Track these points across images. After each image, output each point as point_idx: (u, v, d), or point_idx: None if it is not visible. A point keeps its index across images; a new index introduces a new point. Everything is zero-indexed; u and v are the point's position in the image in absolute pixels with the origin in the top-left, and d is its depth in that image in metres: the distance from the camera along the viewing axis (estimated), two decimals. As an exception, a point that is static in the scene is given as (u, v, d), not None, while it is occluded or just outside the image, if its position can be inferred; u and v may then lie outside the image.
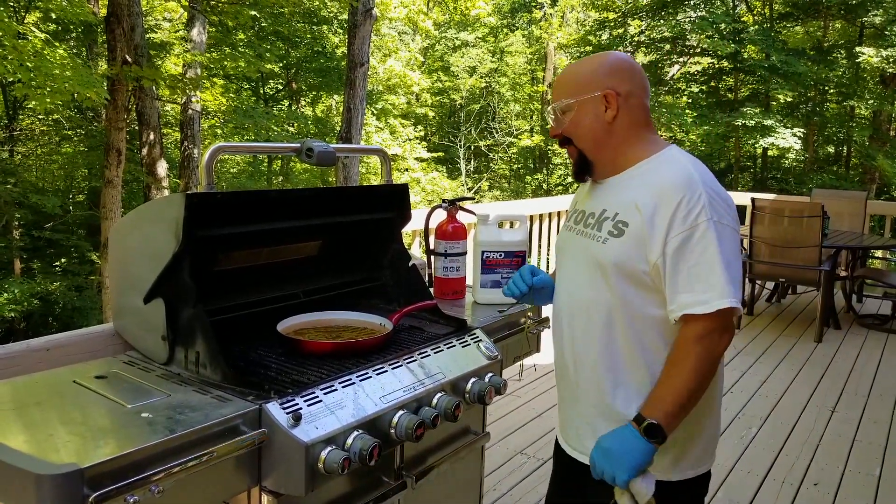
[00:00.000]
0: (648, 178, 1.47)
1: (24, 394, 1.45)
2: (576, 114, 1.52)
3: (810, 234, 5.42)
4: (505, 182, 22.68)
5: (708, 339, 1.39)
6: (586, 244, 1.53)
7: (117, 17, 8.94)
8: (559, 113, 1.55)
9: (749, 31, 14.88)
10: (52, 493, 1.10)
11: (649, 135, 1.54)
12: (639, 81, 1.53)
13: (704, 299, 1.37)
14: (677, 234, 1.39)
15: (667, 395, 1.39)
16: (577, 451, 1.61)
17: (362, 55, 9.13)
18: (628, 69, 1.52)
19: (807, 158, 17.21)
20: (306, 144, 1.81)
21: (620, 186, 1.51)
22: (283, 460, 1.37)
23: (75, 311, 12.40)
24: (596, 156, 1.54)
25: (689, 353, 1.39)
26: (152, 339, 1.63)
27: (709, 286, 1.37)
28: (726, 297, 1.36)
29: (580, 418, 1.59)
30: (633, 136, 1.52)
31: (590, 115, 1.51)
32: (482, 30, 21.70)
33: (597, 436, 1.46)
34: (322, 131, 16.46)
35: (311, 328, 1.89)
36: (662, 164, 1.48)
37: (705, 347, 1.39)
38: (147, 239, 1.64)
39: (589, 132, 1.52)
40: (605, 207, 1.52)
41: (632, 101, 1.50)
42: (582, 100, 1.51)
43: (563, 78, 1.58)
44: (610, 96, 1.48)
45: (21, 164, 14.23)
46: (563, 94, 1.54)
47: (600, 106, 1.50)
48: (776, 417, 4.04)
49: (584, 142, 1.54)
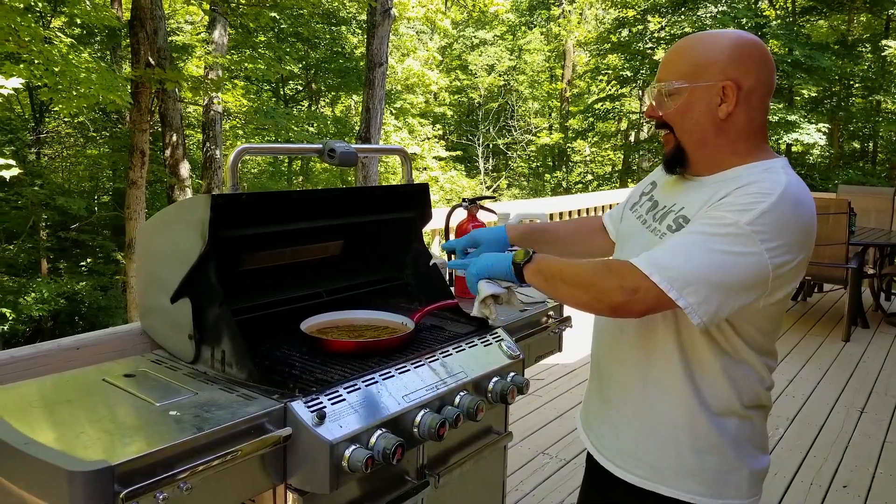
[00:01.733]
0: (736, 182, 1.25)
1: (54, 392, 1.47)
2: (685, 101, 1.31)
3: (837, 231, 5.35)
4: (524, 180, 22.64)
5: (618, 277, 1.22)
6: (645, 235, 1.40)
7: (140, 20, 9.07)
8: (665, 94, 1.34)
9: (771, 26, 14.70)
10: (84, 490, 1.12)
11: (761, 143, 1.33)
12: (766, 76, 1.30)
13: (647, 256, 1.22)
14: (712, 204, 1.23)
15: (555, 260, 1.36)
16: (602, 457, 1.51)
17: (381, 55, 9.15)
18: (759, 59, 1.29)
19: (832, 154, 16.97)
20: (328, 145, 1.82)
21: (706, 188, 1.31)
22: (307, 458, 1.38)
23: (101, 310, 12.58)
24: (696, 152, 1.34)
25: (597, 266, 1.27)
26: (179, 339, 1.66)
27: (663, 255, 1.21)
28: (656, 274, 1.19)
29: (611, 416, 1.49)
30: (744, 139, 1.31)
31: (701, 106, 1.30)
32: (500, 28, 21.68)
33: (630, 438, 1.42)
34: (341, 131, 16.54)
35: (334, 327, 1.91)
36: (761, 171, 1.26)
37: (605, 278, 1.24)
38: (173, 240, 1.66)
39: (695, 125, 1.31)
40: (676, 202, 1.36)
41: (753, 99, 1.29)
42: (696, 86, 1.29)
43: (678, 54, 1.35)
44: (729, 89, 1.27)
45: (47, 167, 14.48)
46: (673, 74, 1.32)
47: (715, 98, 1.28)
48: (803, 418, 3.99)
49: (687, 135, 1.33)
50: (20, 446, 1.20)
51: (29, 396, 1.44)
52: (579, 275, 1.29)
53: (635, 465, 1.42)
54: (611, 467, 1.47)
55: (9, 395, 1.44)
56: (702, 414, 1.34)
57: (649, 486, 1.39)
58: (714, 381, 1.33)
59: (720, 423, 1.34)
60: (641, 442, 1.40)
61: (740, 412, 1.35)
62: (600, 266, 1.28)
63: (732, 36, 1.30)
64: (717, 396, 1.33)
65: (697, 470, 1.35)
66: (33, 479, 1.20)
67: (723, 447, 1.34)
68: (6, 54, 7.89)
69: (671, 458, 1.37)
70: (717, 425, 1.34)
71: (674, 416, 1.35)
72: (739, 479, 1.36)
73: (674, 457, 1.37)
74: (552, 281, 1.33)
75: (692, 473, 1.35)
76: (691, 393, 1.33)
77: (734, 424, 1.35)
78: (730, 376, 1.32)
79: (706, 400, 1.33)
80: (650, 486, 1.39)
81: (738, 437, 1.35)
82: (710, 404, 1.34)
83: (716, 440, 1.34)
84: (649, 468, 1.40)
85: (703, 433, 1.34)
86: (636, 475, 1.41)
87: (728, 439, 1.34)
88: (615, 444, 1.47)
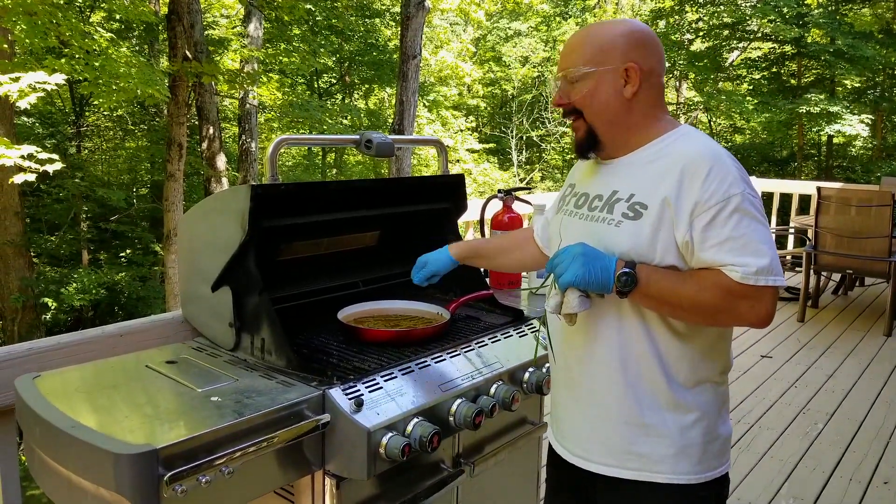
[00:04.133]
0: (667, 154, 1.34)
1: (99, 377, 1.51)
2: (592, 85, 1.37)
3: (880, 224, 5.22)
4: (557, 173, 22.46)
5: (740, 300, 1.26)
6: (594, 229, 1.39)
7: (178, 14, 9.20)
8: (570, 81, 1.40)
9: (813, 15, 14.34)
10: (129, 472, 1.15)
11: (664, 115, 1.42)
12: (660, 58, 1.41)
13: (746, 266, 1.24)
14: (710, 206, 1.26)
15: (664, 281, 1.29)
16: (576, 457, 1.47)
17: (415, 47, 9.15)
18: (653, 43, 1.40)
19: (875, 146, 16.53)
20: (365, 136, 1.83)
21: (634, 166, 1.38)
22: (345, 445, 1.39)
23: (140, 300, 12.84)
24: (607, 133, 1.40)
25: (712, 291, 1.27)
26: (220, 326, 1.68)
27: (752, 258, 1.25)
28: (773, 274, 1.25)
29: (582, 418, 1.45)
30: (650, 115, 1.40)
31: (608, 88, 1.37)
32: (534, 18, 21.49)
33: (603, 435, 1.40)
34: (374, 124, 16.60)
35: (370, 317, 1.92)
36: (680, 139, 1.37)
37: (729, 303, 1.27)
38: (214, 229, 1.69)
39: (604, 107, 1.38)
40: (615, 188, 1.39)
41: (653, 78, 1.39)
42: (601, 70, 1.36)
43: (579, 42, 1.41)
44: (632, 70, 1.35)
45: (87, 159, 14.78)
46: (578, 61, 1.38)
47: (620, 80, 1.36)
48: (843, 413, 3.91)
49: (597, 117, 1.40)
50: (67, 429, 1.24)
51: (74, 382, 1.48)
52: (700, 302, 1.29)
53: (627, 459, 1.39)
54: (602, 469, 1.42)
55: (55, 380, 1.48)
56: (681, 391, 1.36)
57: (647, 477, 1.38)
58: (681, 355, 1.36)
59: (697, 395, 1.37)
60: (629, 434, 1.38)
61: (717, 379, 1.40)
62: (717, 292, 1.28)
63: (627, 23, 1.42)
64: (685, 370, 1.36)
65: (686, 447, 1.36)
66: (80, 461, 1.23)
67: (703, 419, 1.37)
68: (48, 48, 8.08)
69: (662, 445, 1.37)
70: (695, 398, 1.37)
71: (656, 401, 1.36)
72: (717, 447, 1.40)
73: (665, 442, 1.36)
74: (665, 307, 1.32)
75: (685, 454, 1.36)
76: (663, 381, 1.36)
77: (711, 392, 1.39)
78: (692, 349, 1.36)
79: (678, 377, 1.36)
80: (645, 478, 1.38)
81: (716, 404, 1.40)
82: (683, 380, 1.37)
83: (697, 414, 1.37)
84: (642, 459, 1.38)
85: (685, 409, 1.36)
86: (630, 469, 1.39)
87: (707, 409, 1.38)
88: (604, 444, 1.42)
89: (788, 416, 3.85)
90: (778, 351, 4.98)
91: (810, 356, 4.87)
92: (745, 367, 4.63)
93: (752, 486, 3.10)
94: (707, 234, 1.27)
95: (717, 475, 1.41)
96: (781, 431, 3.66)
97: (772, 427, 3.71)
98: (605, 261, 1.30)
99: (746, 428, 3.70)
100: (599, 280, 1.29)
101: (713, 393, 1.39)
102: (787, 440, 3.55)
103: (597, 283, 1.29)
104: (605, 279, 1.29)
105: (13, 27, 7.14)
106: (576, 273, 1.29)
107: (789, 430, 3.67)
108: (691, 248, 1.29)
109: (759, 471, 3.24)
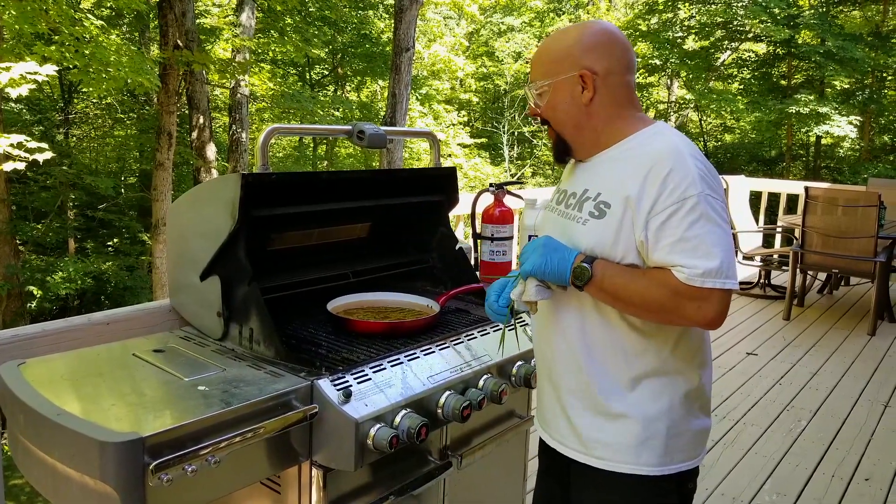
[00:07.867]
0: (635, 154, 1.36)
1: (85, 365, 1.50)
2: (551, 96, 1.42)
3: (866, 224, 5.26)
4: (549, 168, 22.49)
5: (686, 301, 1.27)
6: (565, 225, 1.44)
7: (169, 2, 9.12)
8: (536, 94, 1.45)
9: (804, 16, 14.41)
10: (115, 460, 1.14)
11: (634, 112, 1.43)
12: (619, 57, 1.40)
13: (693, 268, 1.26)
14: (665, 207, 1.28)
15: (618, 277, 1.31)
16: (555, 441, 1.51)
17: (408, 40, 9.12)
18: (607, 44, 1.40)
19: (862, 148, 16.64)
20: (358, 127, 1.82)
21: (604, 165, 1.41)
22: (333, 436, 1.39)
23: (126, 290, 12.75)
24: (575, 138, 1.44)
25: (660, 290, 1.28)
26: (208, 316, 1.68)
27: (702, 260, 1.26)
28: (721, 277, 1.26)
29: (558, 406, 1.49)
30: (615, 115, 1.41)
31: (566, 97, 1.40)
32: (528, 14, 21.46)
33: (573, 423, 1.43)
34: (366, 116, 16.53)
35: (360, 308, 1.92)
36: (649, 138, 1.38)
37: (675, 303, 1.28)
38: (204, 218, 1.68)
39: (565, 115, 1.42)
40: (587, 187, 1.42)
41: (611, 79, 1.39)
42: (557, 81, 1.40)
43: (538, 56, 1.46)
44: (586, 76, 1.37)
45: (76, 147, 14.64)
46: (537, 75, 1.44)
47: (576, 87, 1.39)
48: (826, 411, 3.95)
49: (562, 125, 1.44)
50: (53, 417, 1.23)
51: (60, 369, 1.47)
52: (649, 300, 1.31)
53: (594, 447, 1.42)
54: (573, 455, 1.46)
55: (41, 367, 1.47)
56: (645, 383, 1.38)
57: (612, 466, 1.40)
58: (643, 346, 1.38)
59: (663, 388, 1.38)
60: (596, 422, 1.41)
61: (688, 374, 1.41)
62: (665, 291, 1.29)
63: (580, 28, 1.43)
64: (650, 364, 1.38)
65: (649, 439, 1.38)
66: (65, 450, 1.22)
67: (670, 412, 1.39)
68: (37, 34, 7.98)
69: (626, 434, 1.38)
70: (661, 391, 1.38)
71: (619, 391, 1.39)
72: (684, 441, 1.41)
73: (631, 431, 1.38)
74: (618, 302, 1.35)
75: (648, 445, 1.38)
76: (625, 370, 1.38)
77: (679, 386, 1.40)
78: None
79: (642, 369, 1.38)
80: (610, 467, 1.40)
81: (685, 398, 1.40)
82: (647, 373, 1.38)
83: (661, 407, 1.38)
84: (608, 448, 1.40)
85: (649, 401, 1.38)
86: (596, 457, 1.42)
87: (674, 402, 1.39)
88: (573, 431, 1.45)
89: (773, 412, 3.88)
90: (763, 348, 5.02)
91: (795, 354, 4.91)
92: (731, 364, 4.66)
93: (736, 481, 3.13)
94: (660, 234, 1.29)
95: (681, 469, 1.41)
96: (766, 428, 3.69)
97: (756, 423, 3.74)
98: (565, 253, 1.36)
99: (731, 424, 3.73)
100: (556, 271, 1.35)
101: (682, 387, 1.40)
102: (771, 437, 3.58)
103: (553, 273, 1.35)
104: (561, 270, 1.34)
105: (2, 13, 7.05)
106: (534, 263, 1.36)
107: (773, 427, 3.70)
108: (646, 248, 1.31)
109: (742, 466, 3.27)
